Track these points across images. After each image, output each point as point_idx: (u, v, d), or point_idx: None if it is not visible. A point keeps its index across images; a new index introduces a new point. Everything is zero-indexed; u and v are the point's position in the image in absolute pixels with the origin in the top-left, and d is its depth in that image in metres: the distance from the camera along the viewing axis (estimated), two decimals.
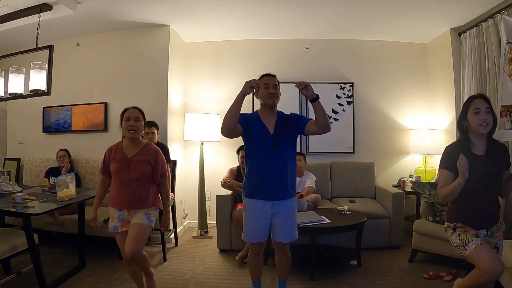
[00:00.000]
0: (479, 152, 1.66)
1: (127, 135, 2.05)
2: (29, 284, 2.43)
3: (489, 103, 1.65)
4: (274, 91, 2.06)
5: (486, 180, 1.64)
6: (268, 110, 2.06)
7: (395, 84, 4.19)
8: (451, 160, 1.66)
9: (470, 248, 1.60)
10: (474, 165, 1.60)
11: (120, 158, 2.04)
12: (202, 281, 2.65)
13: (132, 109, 2.10)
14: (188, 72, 4.26)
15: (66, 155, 3.59)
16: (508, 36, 2.73)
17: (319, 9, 3.33)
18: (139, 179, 2.02)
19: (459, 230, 1.68)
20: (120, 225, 2.05)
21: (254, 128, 2.01)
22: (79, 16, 3.23)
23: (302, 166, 3.40)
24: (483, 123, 1.60)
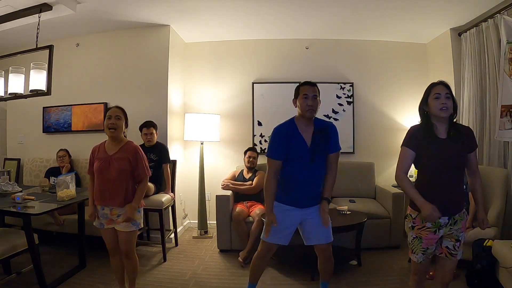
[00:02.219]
0: (442, 136, 1.67)
1: (108, 133, 2.11)
2: (29, 284, 2.43)
3: (449, 89, 1.69)
4: (312, 103, 1.95)
5: (449, 165, 1.64)
6: (306, 120, 1.99)
7: (395, 84, 4.19)
8: (413, 138, 1.69)
9: (412, 258, 1.74)
10: (436, 149, 1.64)
11: (102, 157, 2.11)
12: (202, 281, 2.65)
13: (114, 108, 2.16)
14: (188, 72, 4.26)
15: (66, 155, 3.59)
16: (508, 36, 2.73)
17: (319, 9, 3.33)
18: (119, 176, 2.07)
19: (416, 232, 1.69)
20: (105, 222, 2.13)
21: (293, 143, 1.97)
22: (79, 16, 3.23)
23: None
24: (443, 107, 1.63)
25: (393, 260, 3.01)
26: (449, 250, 1.69)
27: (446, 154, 1.63)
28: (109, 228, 2.12)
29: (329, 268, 2.14)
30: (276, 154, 1.98)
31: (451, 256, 1.70)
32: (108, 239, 2.16)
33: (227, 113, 4.17)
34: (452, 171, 1.65)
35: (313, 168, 1.97)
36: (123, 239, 2.11)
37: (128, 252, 2.14)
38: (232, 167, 3.90)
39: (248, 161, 3.55)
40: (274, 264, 2.94)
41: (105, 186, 2.08)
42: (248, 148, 3.65)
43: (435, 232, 1.66)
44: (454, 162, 1.64)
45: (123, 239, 2.11)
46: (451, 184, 1.65)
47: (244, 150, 3.66)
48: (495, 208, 2.67)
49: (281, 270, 2.83)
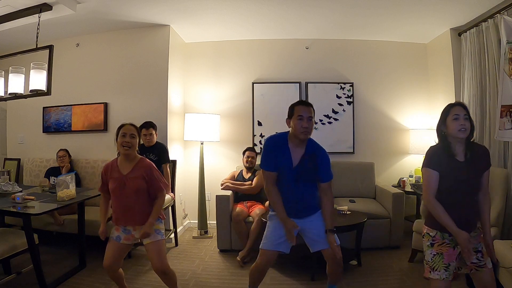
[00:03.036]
0: (460, 158, 1.68)
1: (121, 150, 2.06)
2: (29, 284, 2.43)
3: (467, 110, 1.69)
4: (307, 125, 1.89)
5: (466, 186, 1.65)
6: (298, 141, 1.95)
7: (395, 84, 4.19)
8: (435, 158, 1.68)
9: (433, 275, 1.67)
10: (454, 171, 1.64)
11: (117, 177, 2.05)
12: (202, 281, 2.65)
13: (129, 125, 2.11)
14: (188, 72, 4.26)
15: (66, 155, 3.59)
16: (508, 36, 2.73)
17: (319, 9, 3.33)
18: (136, 196, 2.03)
19: (436, 249, 1.69)
20: (123, 237, 2.07)
21: (281, 158, 1.95)
22: (79, 16, 3.23)
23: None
24: (462, 129, 1.64)
25: (393, 260, 3.01)
26: (475, 264, 1.68)
27: (464, 177, 1.64)
28: (124, 243, 2.07)
29: (337, 273, 2.10)
30: (268, 167, 1.97)
31: (481, 268, 1.68)
32: (111, 254, 2.05)
33: (227, 113, 4.17)
34: (469, 192, 1.67)
35: (299, 188, 1.96)
36: (153, 252, 2.02)
37: (164, 268, 2.04)
38: (232, 167, 3.90)
39: (247, 161, 3.55)
40: (274, 264, 2.93)
41: (124, 207, 2.04)
42: (247, 148, 3.64)
43: (454, 247, 1.66)
44: (471, 184, 1.66)
45: (153, 252, 2.02)
46: (467, 204, 1.66)
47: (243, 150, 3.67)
48: (495, 208, 2.67)
49: (281, 270, 2.83)
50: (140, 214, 2.04)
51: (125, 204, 2.04)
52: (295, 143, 1.96)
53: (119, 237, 2.07)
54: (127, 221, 2.05)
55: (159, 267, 2.03)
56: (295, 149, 1.96)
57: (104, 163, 3.66)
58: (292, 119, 1.93)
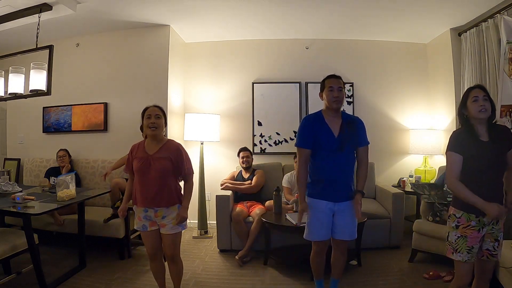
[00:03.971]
0: (484, 138, 1.70)
1: (148, 132, 2.05)
2: (29, 284, 2.43)
3: (486, 92, 1.72)
4: (338, 94, 2.01)
5: (493, 165, 1.67)
6: (333, 112, 2.05)
7: (395, 84, 4.19)
8: (458, 142, 1.71)
9: (455, 257, 1.71)
10: (480, 151, 1.66)
11: (142, 156, 2.04)
12: (202, 281, 2.65)
13: (153, 107, 2.10)
14: (188, 72, 4.26)
15: (66, 155, 3.59)
16: (508, 36, 2.73)
17: (319, 9, 3.33)
18: (160, 176, 2.00)
19: (461, 231, 1.70)
20: (148, 224, 2.06)
21: (320, 133, 2.01)
22: (79, 16, 3.23)
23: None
24: (482, 109, 1.67)
25: (393, 260, 3.01)
26: (490, 251, 1.71)
27: (489, 155, 1.66)
28: (152, 230, 2.05)
29: (341, 263, 2.19)
30: (304, 143, 2.03)
31: (492, 257, 1.71)
32: (150, 243, 2.07)
33: (227, 113, 4.17)
34: (495, 170, 1.68)
35: (341, 158, 2.01)
36: (168, 242, 2.05)
37: (173, 256, 2.09)
38: (232, 167, 3.90)
39: (243, 161, 3.55)
40: (274, 264, 2.94)
41: (147, 187, 2.00)
42: (240, 149, 3.64)
43: (479, 230, 1.68)
44: (497, 161, 1.68)
45: (168, 242, 2.05)
46: (494, 184, 1.68)
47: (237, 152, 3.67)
48: None
49: (281, 270, 2.83)
50: (163, 196, 2.01)
51: (148, 184, 2.00)
52: (331, 115, 2.05)
53: (144, 226, 2.05)
54: (149, 203, 2.01)
55: (170, 254, 2.08)
56: (333, 120, 2.04)
57: (104, 163, 3.70)
58: (324, 92, 2.06)
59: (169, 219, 2.04)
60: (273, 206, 3.14)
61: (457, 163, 1.70)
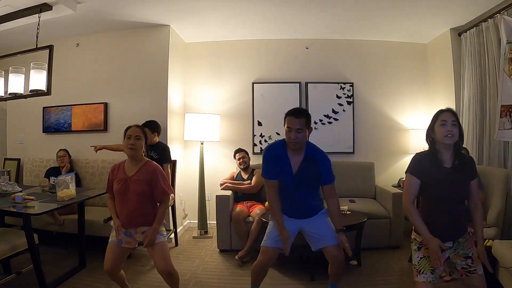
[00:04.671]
0: (447, 164, 1.68)
1: (127, 152, 2.06)
2: (29, 284, 2.43)
3: (455, 117, 1.69)
4: (295, 137, 1.89)
5: (453, 192, 1.65)
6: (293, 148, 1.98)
7: (395, 84, 4.19)
8: (418, 166, 1.69)
9: (420, 279, 1.68)
10: (441, 177, 1.64)
11: (121, 178, 2.06)
12: (202, 281, 2.65)
13: (134, 127, 2.10)
14: (188, 72, 4.26)
15: (66, 155, 3.59)
16: (508, 36, 2.73)
17: (319, 9, 3.33)
18: (138, 199, 2.02)
19: (423, 253, 1.69)
20: (125, 241, 2.07)
21: (281, 166, 1.97)
22: (79, 16, 3.23)
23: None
24: (449, 134, 1.64)
25: (393, 260, 3.01)
26: (466, 269, 1.68)
27: (451, 183, 1.64)
28: (125, 247, 2.07)
29: (338, 273, 2.14)
30: (269, 175, 2.01)
31: (471, 274, 1.67)
32: (112, 257, 2.05)
33: (227, 113, 4.17)
34: (455, 199, 1.66)
35: (299, 195, 1.99)
36: (157, 253, 2.02)
37: (169, 269, 2.03)
38: (232, 167, 3.90)
39: (240, 163, 3.56)
40: (274, 264, 2.93)
41: (126, 209, 2.03)
42: (235, 151, 3.65)
43: (441, 252, 1.65)
44: (458, 190, 1.66)
45: (158, 254, 2.02)
46: (455, 211, 1.66)
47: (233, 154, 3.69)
48: (495, 208, 2.67)
49: (281, 270, 2.83)
50: (141, 217, 2.04)
51: (127, 206, 2.03)
52: (292, 149, 1.98)
53: (121, 241, 2.06)
54: (130, 224, 2.05)
55: (164, 268, 2.02)
56: (294, 156, 1.98)
57: (104, 163, 3.70)
58: (285, 128, 1.96)
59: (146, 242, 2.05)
60: None
61: (414, 187, 1.69)
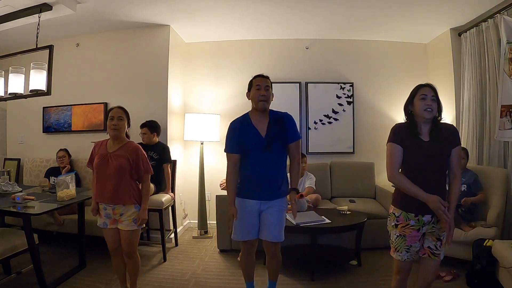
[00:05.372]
0: (425, 137, 1.68)
1: (110, 133, 2.13)
2: (29, 284, 2.43)
3: (435, 92, 1.70)
4: (265, 93, 1.96)
5: (431, 163, 1.64)
6: (259, 112, 2.01)
7: (395, 84, 4.19)
8: (399, 135, 1.70)
9: (395, 256, 1.73)
10: (418, 149, 1.65)
11: (102, 153, 2.12)
12: (202, 281, 2.65)
13: (116, 108, 2.17)
14: (188, 72, 4.26)
15: (66, 156, 3.58)
16: (508, 36, 2.73)
17: (319, 9, 3.33)
18: (117, 173, 2.06)
19: (399, 230, 1.69)
20: (109, 222, 2.13)
21: (247, 135, 1.99)
22: (79, 16, 3.23)
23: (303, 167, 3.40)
24: (428, 109, 1.65)
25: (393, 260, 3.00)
26: (431, 250, 1.69)
27: (428, 154, 1.64)
28: (112, 228, 2.13)
29: (274, 266, 2.16)
30: (231, 148, 2.03)
31: (434, 257, 1.69)
32: (110, 239, 2.15)
33: (227, 113, 4.17)
34: (435, 170, 1.65)
35: (269, 157, 1.98)
36: (125, 239, 2.11)
37: (130, 252, 2.14)
38: None
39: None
40: None
41: (104, 183, 2.08)
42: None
43: (418, 229, 1.67)
44: (437, 161, 1.65)
45: (125, 238, 2.11)
46: (434, 183, 1.64)
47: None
48: (495, 208, 2.67)
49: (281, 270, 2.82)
50: (120, 193, 2.07)
51: (105, 182, 2.07)
52: (257, 115, 2.01)
53: (105, 223, 2.13)
54: (106, 198, 2.08)
55: (126, 250, 2.13)
56: (259, 120, 2.01)
57: None
58: (251, 91, 2.01)
59: (125, 216, 2.10)
60: None
61: (397, 154, 1.68)
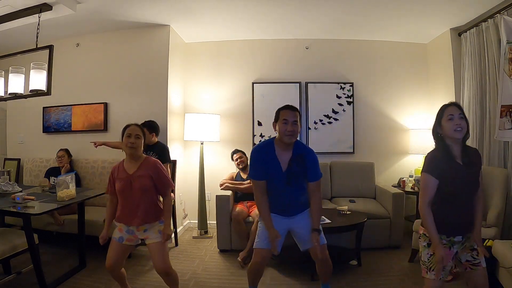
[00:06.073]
0: (459, 160, 1.67)
1: (127, 151, 2.08)
2: (29, 284, 2.44)
3: (461, 110, 1.68)
4: (292, 128, 1.92)
5: (466, 188, 1.65)
6: (284, 145, 1.99)
7: (395, 84, 4.19)
8: (435, 165, 1.66)
9: (429, 276, 1.69)
10: (455, 174, 1.63)
11: (123, 177, 2.06)
12: (202, 281, 2.65)
13: (134, 126, 2.12)
14: (188, 72, 4.26)
15: (65, 156, 3.58)
16: (508, 36, 2.73)
17: (319, 9, 3.33)
18: (142, 195, 2.04)
19: (432, 250, 1.69)
20: (126, 238, 2.07)
21: (270, 166, 1.99)
22: (79, 16, 3.23)
23: None
24: (458, 128, 1.63)
25: (393, 260, 3.01)
26: (470, 261, 1.68)
27: (464, 179, 1.64)
28: (126, 244, 2.07)
29: (327, 271, 2.16)
30: (257, 175, 2.02)
31: (475, 267, 1.68)
32: (114, 255, 2.06)
33: (227, 113, 4.17)
34: (469, 194, 1.66)
35: (290, 190, 2.00)
36: (156, 253, 2.03)
37: (166, 268, 2.06)
38: (232, 167, 3.90)
39: (238, 163, 3.57)
40: (274, 264, 2.94)
41: (131, 206, 2.03)
42: (232, 152, 3.68)
43: (450, 248, 1.67)
44: (471, 185, 1.66)
45: (156, 252, 2.03)
46: (466, 207, 1.66)
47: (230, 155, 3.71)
48: (495, 208, 2.67)
49: (281, 270, 2.83)
50: (145, 213, 2.04)
51: (131, 203, 2.04)
52: (282, 147, 1.99)
53: (121, 238, 2.07)
54: (132, 221, 2.04)
55: (162, 267, 2.04)
56: (282, 153, 1.99)
57: (104, 163, 3.70)
58: (278, 123, 1.97)
59: (151, 232, 2.07)
60: None
61: (431, 186, 1.66)
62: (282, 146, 1.99)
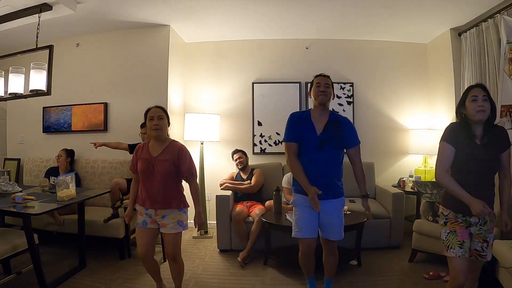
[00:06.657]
0: (478, 140, 1.68)
1: (152, 133, 2.06)
2: (29, 284, 2.43)
3: (486, 91, 1.68)
4: (324, 89, 2.05)
5: (483, 168, 1.66)
6: (319, 109, 2.09)
7: (395, 84, 4.19)
8: (454, 135, 1.69)
9: (449, 254, 1.70)
10: (472, 153, 1.65)
11: (146, 158, 2.05)
12: (202, 281, 2.65)
13: (155, 108, 2.11)
14: (188, 72, 4.26)
15: (63, 155, 3.55)
16: (508, 36, 2.73)
17: (319, 9, 3.33)
18: (163, 179, 2.01)
19: (450, 227, 1.71)
20: (149, 221, 2.07)
21: (304, 129, 2.06)
22: (79, 16, 3.23)
23: None
24: (480, 110, 1.64)
25: (393, 260, 3.01)
26: (478, 252, 1.71)
27: (480, 159, 1.64)
28: (151, 228, 2.07)
29: (331, 263, 2.20)
30: (289, 137, 2.09)
31: (481, 258, 1.71)
32: (144, 242, 2.07)
33: (227, 113, 4.17)
34: (486, 174, 1.67)
35: (321, 156, 2.02)
36: (169, 241, 2.06)
37: (175, 255, 2.09)
38: (232, 167, 3.90)
39: (238, 163, 3.57)
40: (274, 264, 2.94)
41: (151, 189, 2.02)
42: (233, 152, 3.67)
43: (466, 227, 1.69)
44: (488, 166, 1.67)
45: (169, 241, 2.06)
46: (484, 186, 1.67)
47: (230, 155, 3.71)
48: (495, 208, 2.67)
49: (281, 270, 2.83)
50: (164, 198, 2.02)
51: (152, 187, 2.02)
52: (317, 112, 2.09)
53: (145, 222, 2.07)
54: (152, 204, 2.03)
55: (172, 253, 2.08)
56: (318, 119, 2.07)
57: (104, 163, 3.70)
58: (312, 89, 2.11)
59: (169, 218, 2.05)
60: (273, 206, 3.14)
61: (449, 155, 1.68)
62: (318, 111, 2.09)
